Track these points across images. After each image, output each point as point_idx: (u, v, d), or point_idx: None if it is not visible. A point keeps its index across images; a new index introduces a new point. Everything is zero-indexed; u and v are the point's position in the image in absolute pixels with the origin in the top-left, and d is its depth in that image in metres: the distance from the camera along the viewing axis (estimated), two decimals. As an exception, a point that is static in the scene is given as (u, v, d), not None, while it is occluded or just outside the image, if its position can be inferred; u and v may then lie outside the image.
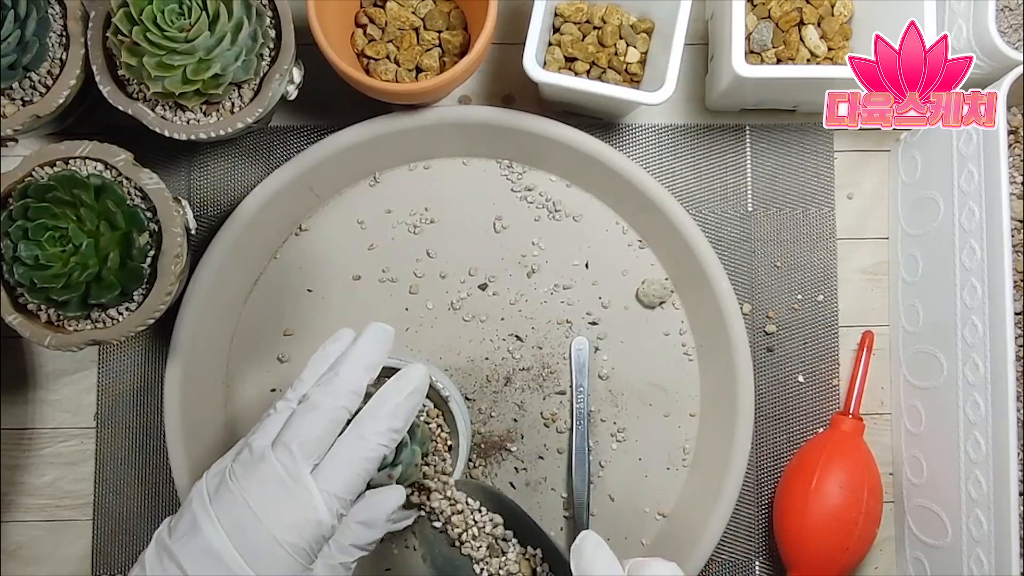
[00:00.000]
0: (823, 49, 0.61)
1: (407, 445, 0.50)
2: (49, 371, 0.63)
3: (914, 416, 0.62)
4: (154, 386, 0.63)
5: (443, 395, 0.54)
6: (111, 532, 0.63)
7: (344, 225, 0.64)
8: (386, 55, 0.61)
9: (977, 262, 0.55)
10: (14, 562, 0.63)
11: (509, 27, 0.64)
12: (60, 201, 0.50)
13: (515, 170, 0.64)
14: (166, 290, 0.53)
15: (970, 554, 0.55)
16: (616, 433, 0.63)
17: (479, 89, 0.65)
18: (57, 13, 0.55)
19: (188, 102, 0.54)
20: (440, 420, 0.55)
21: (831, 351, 0.65)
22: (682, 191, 0.65)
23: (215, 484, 0.44)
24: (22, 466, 0.63)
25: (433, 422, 0.55)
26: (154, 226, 0.53)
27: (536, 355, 0.63)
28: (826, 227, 0.65)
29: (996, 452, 0.53)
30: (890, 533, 0.64)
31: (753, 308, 0.65)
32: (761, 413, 0.63)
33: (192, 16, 0.51)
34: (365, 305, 0.63)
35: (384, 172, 0.64)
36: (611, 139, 0.64)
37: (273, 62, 0.56)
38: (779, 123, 0.65)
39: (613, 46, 0.61)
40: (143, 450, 0.63)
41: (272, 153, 0.64)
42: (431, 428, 0.55)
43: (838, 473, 0.59)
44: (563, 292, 0.64)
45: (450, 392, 0.55)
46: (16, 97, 0.54)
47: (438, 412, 0.56)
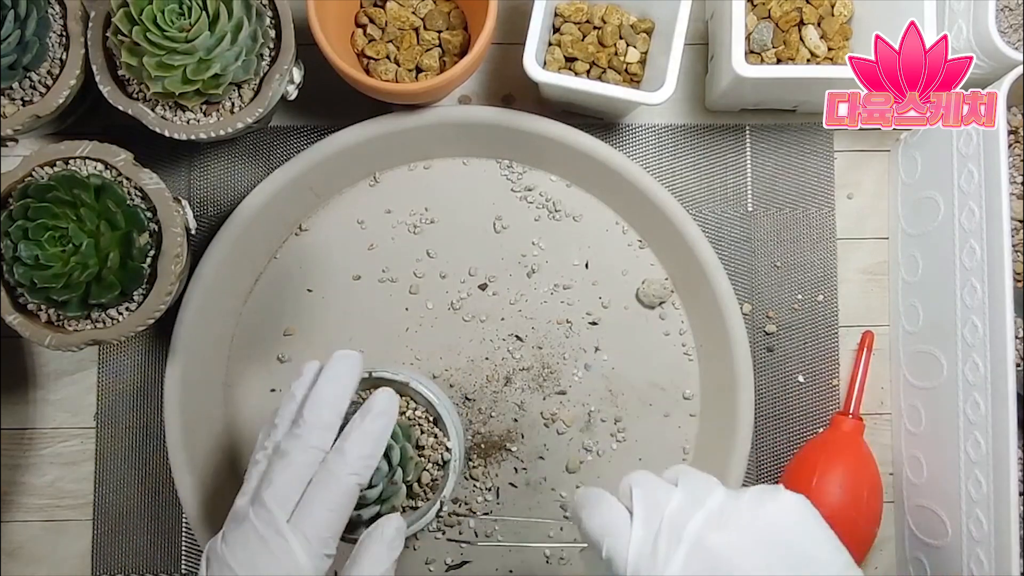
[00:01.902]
0: (823, 49, 0.61)
1: (378, 470, 0.49)
2: (49, 371, 0.63)
3: (914, 416, 0.62)
4: (154, 386, 0.63)
5: (432, 403, 0.54)
6: (111, 532, 0.63)
7: (344, 225, 0.64)
8: (386, 55, 0.61)
9: (977, 262, 0.55)
10: (14, 562, 0.63)
11: (509, 27, 0.64)
12: (60, 201, 0.50)
13: (515, 170, 0.64)
14: (166, 290, 0.53)
15: (970, 554, 0.55)
16: (616, 433, 0.63)
17: (479, 89, 0.65)
18: (57, 13, 0.55)
19: (188, 102, 0.54)
20: (434, 428, 0.55)
21: (831, 351, 0.65)
22: (682, 191, 0.65)
23: (210, 549, 0.46)
24: (22, 466, 0.63)
25: (424, 425, 0.55)
26: (154, 226, 0.53)
27: (536, 355, 0.63)
28: (826, 227, 0.65)
29: (996, 452, 0.53)
30: (890, 533, 0.64)
31: (753, 308, 0.65)
32: (761, 413, 0.63)
33: (192, 16, 0.51)
34: (365, 305, 0.63)
35: (384, 172, 0.64)
36: (611, 139, 0.64)
37: (273, 62, 0.56)
38: (779, 123, 0.65)
39: (613, 46, 0.61)
40: (143, 450, 0.63)
41: (272, 153, 0.64)
42: (423, 437, 0.55)
43: (838, 473, 0.59)
44: (563, 292, 0.64)
45: (440, 399, 0.55)
46: (16, 97, 0.54)
47: (431, 419, 0.55)
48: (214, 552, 0.46)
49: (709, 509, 0.42)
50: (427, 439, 0.55)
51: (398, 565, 0.61)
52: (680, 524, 0.41)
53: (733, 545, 0.41)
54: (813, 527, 0.42)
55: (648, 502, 0.43)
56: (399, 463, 0.50)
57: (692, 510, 0.42)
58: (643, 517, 0.43)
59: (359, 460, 0.46)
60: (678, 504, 0.42)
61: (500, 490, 0.62)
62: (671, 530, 0.41)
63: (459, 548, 0.62)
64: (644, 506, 0.43)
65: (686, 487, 0.43)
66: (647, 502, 0.43)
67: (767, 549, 0.41)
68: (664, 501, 0.43)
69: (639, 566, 0.41)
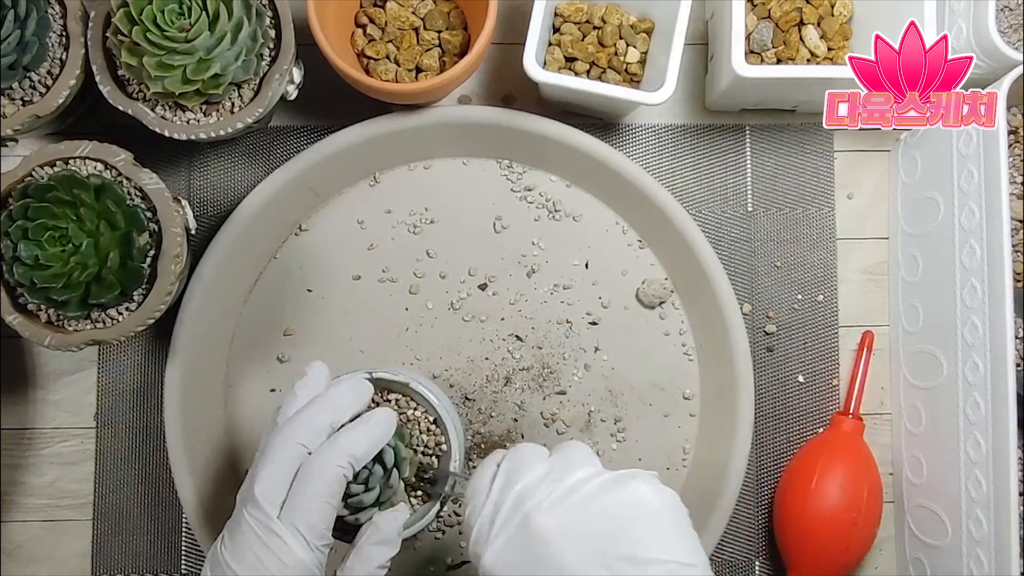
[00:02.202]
0: (823, 49, 0.61)
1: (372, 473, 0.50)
2: (49, 371, 0.63)
3: (914, 416, 0.62)
4: (154, 386, 0.63)
5: (432, 404, 0.54)
6: (111, 532, 0.63)
7: (344, 225, 0.64)
8: (386, 55, 0.61)
9: (977, 262, 0.55)
10: (14, 562, 0.63)
11: (509, 27, 0.64)
12: (60, 201, 0.50)
13: (515, 170, 0.64)
14: (166, 290, 0.53)
15: (970, 554, 0.55)
16: (616, 433, 0.63)
17: (479, 89, 0.65)
18: (57, 13, 0.55)
19: (188, 102, 0.54)
20: (435, 428, 0.55)
21: (831, 351, 0.65)
22: (682, 191, 0.65)
23: (211, 552, 0.46)
24: (22, 466, 0.63)
25: (423, 425, 0.55)
26: (154, 226, 0.53)
27: (536, 355, 0.63)
28: (826, 227, 0.65)
29: (996, 452, 0.53)
30: (890, 533, 0.64)
31: (753, 308, 0.65)
32: (761, 413, 0.63)
33: (192, 16, 0.51)
34: (365, 305, 0.63)
35: (384, 172, 0.64)
36: (611, 139, 0.64)
37: (273, 62, 0.56)
38: (779, 123, 0.65)
39: (613, 46, 0.61)
40: (143, 450, 0.63)
41: (272, 153, 0.64)
42: (423, 436, 0.55)
43: (838, 473, 0.59)
44: (563, 292, 0.64)
45: (439, 400, 0.54)
46: (16, 97, 0.54)
47: (432, 420, 0.55)
48: (214, 554, 0.46)
49: (561, 488, 0.39)
50: (428, 439, 0.55)
51: (398, 565, 0.61)
52: (523, 499, 0.39)
53: (559, 530, 0.38)
54: (658, 521, 0.39)
55: (511, 472, 0.41)
56: (393, 464, 0.50)
57: (546, 485, 0.40)
58: (500, 486, 0.41)
59: (349, 454, 0.46)
60: (535, 478, 0.40)
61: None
62: (514, 505, 0.39)
63: (459, 548, 0.62)
64: (506, 475, 0.41)
65: (556, 462, 0.41)
66: (510, 472, 0.41)
67: (594, 540, 0.38)
68: (525, 472, 0.41)
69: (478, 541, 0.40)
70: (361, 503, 0.49)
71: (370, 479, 0.49)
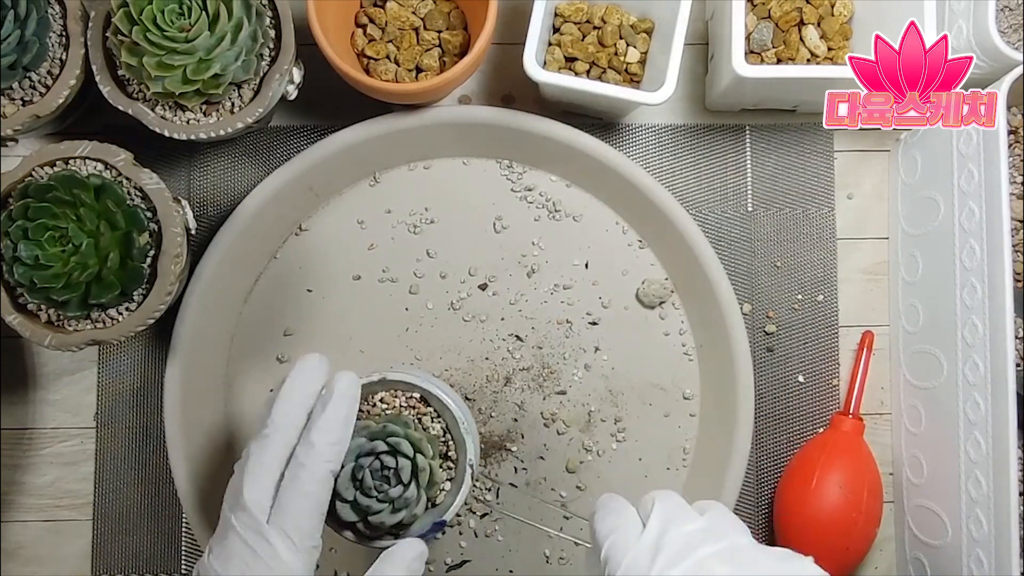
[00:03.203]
0: (823, 49, 0.61)
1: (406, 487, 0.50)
2: (49, 371, 0.63)
3: (914, 416, 0.62)
4: (154, 386, 0.63)
5: (445, 404, 0.53)
6: (111, 532, 0.63)
7: (344, 225, 0.64)
8: (386, 55, 0.61)
9: (977, 262, 0.55)
10: (14, 562, 0.63)
11: (509, 27, 0.64)
12: (60, 201, 0.50)
13: (515, 170, 0.64)
14: (166, 290, 0.53)
15: (970, 554, 0.55)
16: (616, 433, 0.63)
17: (479, 89, 0.65)
18: (57, 13, 0.55)
19: (188, 102, 0.54)
20: (444, 427, 0.55)
21: (831, 351, 0.65)
22: (682, 191, 0.65)
23: (199, 564, 0.46)
24: (22, 466, 0.63)
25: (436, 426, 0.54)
26: (154, 226, 0.53)
27: (536, 355, 0.63)
28: (826, 227, 0.65)
29: (996, 452, 0.53)
30: (890, 533, 0.64)
31: (753, 308, 0.65)
32: (761, 413, 0.63)
33: (192, 16, 0.51)
34: (365, 305, 0.63)
35: (384, 172, 0.64)
36: (611, 139, 0.64)
37: (273, 62, 0.56)
38: (779, 123, 0.65)
39: (613, 46, 0.61)
40: (143, 450, 0.63)
41: (272, 153, 0.64)
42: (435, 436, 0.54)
43: (838, 473, 0.59)
44: (563, 292, 0.64)
45: (451, 399, 0.54)
46: (16, 97, 0.54)
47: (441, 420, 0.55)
48: (203, 566, 0.46)
49: (727, 545, 0.41)
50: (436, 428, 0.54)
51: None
52: (691, 547, 0.41)
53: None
54: None
55: (666, 518, 0.43)
56: (412, 475, 0.50)
57: (710, 540, 0.41)
58: (657, 529, 0.42)
59: (328, 448, 0.46)
60: (696, 530, 0.42)
61: (500, 490, 0.62)
62: (679, 549, 0.41)
63: (459, 548, 0.62)
64: (661, 520, 0.43)
65: (712, 520, 0.43)
66: (665, 518, 0.43)
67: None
68: (682, 523, 0.42)
69: (632, 568, 0.41)
70: (372, 509, 0.49)
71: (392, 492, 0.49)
